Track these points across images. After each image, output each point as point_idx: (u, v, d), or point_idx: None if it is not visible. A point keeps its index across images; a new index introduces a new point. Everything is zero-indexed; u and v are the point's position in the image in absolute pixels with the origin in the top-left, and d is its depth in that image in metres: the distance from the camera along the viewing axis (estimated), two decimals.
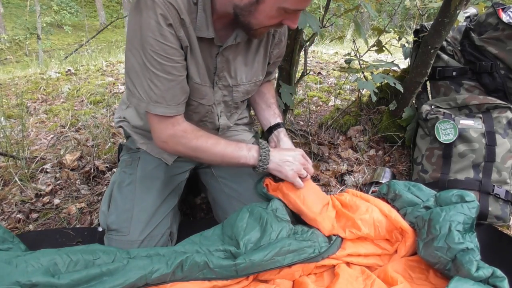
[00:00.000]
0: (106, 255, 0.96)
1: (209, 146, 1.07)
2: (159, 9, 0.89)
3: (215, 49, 1.04)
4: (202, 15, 0.95)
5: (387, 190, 1.21)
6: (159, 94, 0.98)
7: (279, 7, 0.87)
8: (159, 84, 0.97)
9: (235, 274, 0.96)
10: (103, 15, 16.92)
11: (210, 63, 1.06)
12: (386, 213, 1.10)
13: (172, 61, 0.95)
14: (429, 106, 1.59)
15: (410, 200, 1.14)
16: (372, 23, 7.65)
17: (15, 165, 1.73)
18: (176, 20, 0.92)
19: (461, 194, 1.07)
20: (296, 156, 1.13)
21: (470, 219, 1.00)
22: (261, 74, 1.20)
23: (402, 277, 0.97)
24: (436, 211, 1.03)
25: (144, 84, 0.97)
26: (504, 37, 1.55)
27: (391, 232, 1.09)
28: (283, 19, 0.93)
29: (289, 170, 1.11)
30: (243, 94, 1.19)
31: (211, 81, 1.10)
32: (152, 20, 0.89)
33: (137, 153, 1.25)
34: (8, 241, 1.08)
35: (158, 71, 0.95)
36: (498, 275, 0.89)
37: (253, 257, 0.96)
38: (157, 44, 0.92)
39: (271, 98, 1.33)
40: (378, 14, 3.04)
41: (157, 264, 0.93)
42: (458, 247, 0.93)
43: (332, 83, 2.94)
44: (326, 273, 1.04)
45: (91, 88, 2.88)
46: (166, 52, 0.93)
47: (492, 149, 1.40)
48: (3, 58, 11.31)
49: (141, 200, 1.15)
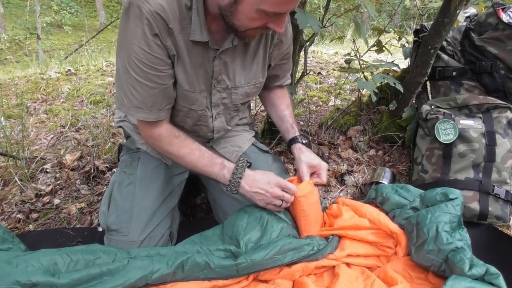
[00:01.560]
0: (106, 255, 0.96)
1: (181, 155, 1.08)
2: (145, 19, 0.89)
3: (212, 53, 1.04)
4: (196, 19, 0.95)
5: (375, 195, 1.22)
6: (140, 100, 1.00)
7: (258, 8, 0.86)
8: (140, 91, 0.99)
9: (236, 274, 0.97)
10: (103, 15, 16.92)
11: (208, 67, 1.06)
12: (374, 217, 1.11)
13: (155, 70, 0.97)
14: (429, 106, 1.59)
15: (398, 202, 1.14)
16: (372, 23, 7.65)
17: (15, 165, 1.73)
18: (162, 30, 0.93)
19: (445, 192, 1.07)
20: (269, 189, 1.05)
21: (456, 217, 1.00)
22: (261, 76, 1.19)
23: (401, 277, 0.97)
24: (422, 214, 1.03)
25: (126, 89, 0.99)
26: (504, 37, 1.55)
27: (385, 236, 1.09)
28: (267, 22, 0.91)
29: (258, 200, 1.06)
30: (242, 97, 1.19)
31: (209, 84, 1.10)
32: (139, 29, 0.91)
33: (137, 153, 1.25)
34: (8, 241, 1.08)
35: (141, 78, 0.97)
36: (492, 272, 0.89)
37: (254, 256, 0.96)
38: (141, 52, 0.93)
39: (284, 109, 1.31)
40: (378, 14, 3.04)
41: (158, 264, 0.93)
42: (447, 248, 0.94)
43: (332, 83, 2.94)
44: (326, 274, 1.04)
45: (91, 88, 2.88)
46: (150, 61, 0.95)
47: (492, 149, 1.40)
48: (3, 58, 11.30)
49: (141, 200, 1.15)
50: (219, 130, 1.24)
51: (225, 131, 1.27)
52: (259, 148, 1.37)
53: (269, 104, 1.35)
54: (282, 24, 0.93)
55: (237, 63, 1.10)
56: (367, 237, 1.08)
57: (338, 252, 1.05)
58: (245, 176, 1.06)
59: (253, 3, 0.85)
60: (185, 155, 1.08)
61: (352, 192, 1.60)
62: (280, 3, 0.85)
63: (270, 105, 1.35)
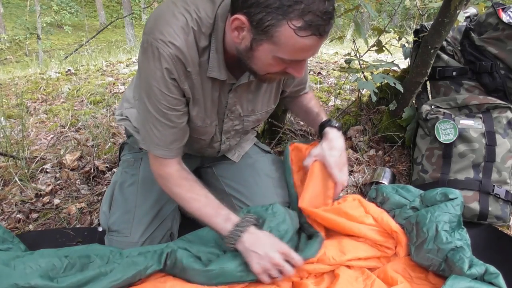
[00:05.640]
0: (100, 259, 0.98)
1: (187, 199, 1.04)
2: (165, 62, 0.88)
3: (228, 86, 1.02)
4: (214, 56, 0.93)
5: (375, 194, 1.22)
6: (160, 137, 0.99)
7: (275, 56, 0.83)
8: (160, 129, 0.98)
9: (206, 281, 0.95)
10: (103, 15, 16.91)
11: (223, 99, 1.05)
12: (377, 215, 1.10)
13: (174, 111, 0.97)
14: (429, 106, 1.59)
15: (398, 202, 1.15)
16: (372, 23, 7.65)
17: (15, 165, 1.73)
18: (181, 73, 0.92)
19: (445, 192, 1.07)
20: (270, 253, 0.94)
21: (455, 216, 1.01)
22: (273, 103, 1.18)
23: (402, 277, 0.97)
24: (422, 213, 1.04)
25: (147, 126, 0.99)
26: (504, 37, 1.55)
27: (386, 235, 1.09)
28: (286, 68, 0.88)
29: (254, 263, 0.94)
30: (253, 123, 1.19)
31: (222, 114, 1.08)
32: (158, 71, 0.90)
33: (140, 154, 1.25)
34: (8, 241, 1.08)
35: (161, 117, 0.96)
36: (492, 271, 0.89)
37: (226, 265, 0.94)
38: (161, 94, 0.93)
39: (312, 107, 1.28)
40: (378, 14, 3.04)
41: (151, 261, 0.96)
42: (447, 247, 0.94)
43: (332, 83, 2.94)
44: (326, 274, 1.04)
45: (91, 88, 2.88)
46: (169, 103, 0.95)
47: (492, 149, 1.40)
48: (3, 58, 11.30)
49: (143, 202, 1.15)
50: (225, 151, 1.25)
51: (228, 149, 1.27)
52: (261, 148, 1.37)
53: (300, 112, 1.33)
54: (302, 70, 0.90)
55: (251, 93, 1.09)
56: (369, 233, 1.07)
57: (339, 256, 1.03)
58: (248, 231, 0.97)
59: (270, 50, 0.82)
60: (191, 199, 1.03)
61: (352, 192, 1.60)
62: (297, 51, 0.82)
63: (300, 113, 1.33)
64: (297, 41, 0.78)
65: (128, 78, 3.25)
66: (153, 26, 0.89)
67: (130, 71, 3.48)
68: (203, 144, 1.15)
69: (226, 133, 1.16)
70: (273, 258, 0.93)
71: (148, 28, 0.90)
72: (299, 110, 1.33)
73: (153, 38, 0.87)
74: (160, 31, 0.87)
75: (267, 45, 0.81)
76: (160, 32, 0.87)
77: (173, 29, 0.87)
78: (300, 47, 0.80)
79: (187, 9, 0.89)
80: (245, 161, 1.31)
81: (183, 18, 0.88)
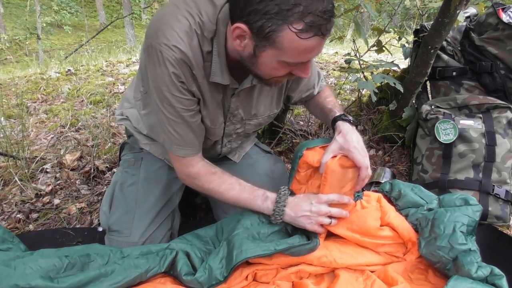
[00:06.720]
0: (100, 257, 0.98)
1: (222, 191, 1.07)
2: (171, 67, 0.88)
3: (231, 90, 1.03)
4: (216, 61, 0.93)
5: (390, 188, 1.19)
6: (180, 138, 1.00)
7: (279, 60, 0.83)
8: (178, 130, 0.99)
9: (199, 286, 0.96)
10: (103, 15, 16.92)
11: (225, 102, 1.05)
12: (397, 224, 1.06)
13: (188, 111, 0.97)
14: (429, 106, 1.59)
15: (415, 201, 1.13)
16: (372, 23, 7.65)
17: (15, 165, 1.73)
18: (188, 76, 0.92)
19: (465, 198, 1.07)
20: (313, 208, 1.02)
21: (473, 221, 1.00)
22: (276, 107, 1.17)
23: (402, 277, 0.97)
24: (441, 211, 1.03)
25: (165, 128, 1.00)
26: (504, 37, 1.55)
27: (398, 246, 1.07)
28: (292, 70, 0.88)
29: (307, 224, 1.02)
30: (255, 127, 1.19)
31: (224, 117, 1.09)
32: (166, 76, 0.90)
33: (140, 154, 1.25)
34: (8, 241, 1.08)
35: (177, 118, 0.97)
36: (496, 273, 0.89)
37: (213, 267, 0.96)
38: (173, 97, 0.93)
39: (327, 104, 1.22)
40: (378, 14, 3.04)
41: (152, 263, 0.96)
42: (461, 248, 0.93)
43: (332, 83, 2.94)
44: (326, 274, 1.04)
45: (91, 88, 2.88)
46: (182, 104, 0.95)
47: (492, 149, 1.40)
48: (3, 58, 11.30)
49: (143, 202, 1.15)
50: (226, 153, 1.26)
51: (231, 149, 1.27)
52: (261, 148, 1.37)
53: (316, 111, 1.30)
54: (307, 70, 0.90)
55: (253, 97, 1.09)
56: (381, 249, 1.05)
57: (341, 260, 1.02)
58: (288, 203, 1.04)
59: (274, 55, 0.82)
60: (226, 190, 1.06)
61: None
62: (301, 53, 0.82)
63: (317, 112, 1.29)
64: (300, 43, 0.78)
65: (128, 78, 3.25)
66: (156, 30, 0.88)
67: (130, 71, 3.48)
68: (206, 145, 1.16)
69: (228, 136, 1.16)
70: (319, 211, 1.01)
71: (151, 32, 0.89)
72: (315, 110, 1.30)
73: (157, 43, 0.87)
74: (163, 35, 0.86)
75: (270, 50, 0.81)
76: (163, 36, 0.86)
77: (177, 32, 0.86)
78: (304, 49, 0.80)
79: (190, 12, 0.88)
80: (245, 162, 1.31)
81: (186, 22, 0.87)
